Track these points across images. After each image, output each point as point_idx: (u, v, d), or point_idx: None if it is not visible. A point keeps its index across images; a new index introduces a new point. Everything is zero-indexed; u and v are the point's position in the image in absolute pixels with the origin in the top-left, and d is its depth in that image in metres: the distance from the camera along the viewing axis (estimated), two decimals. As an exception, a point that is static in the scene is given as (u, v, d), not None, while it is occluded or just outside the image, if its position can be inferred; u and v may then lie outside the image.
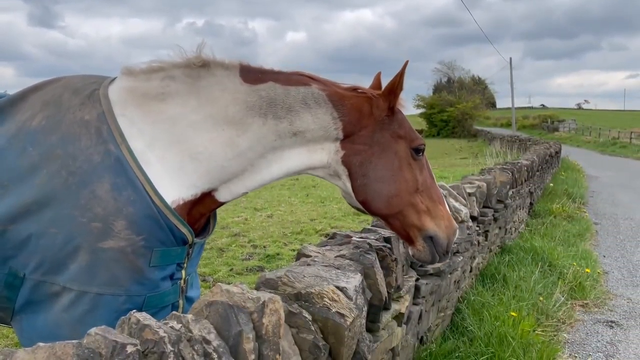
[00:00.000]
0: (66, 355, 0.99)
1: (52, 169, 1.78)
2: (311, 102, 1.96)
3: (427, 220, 2.10)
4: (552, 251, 6.72)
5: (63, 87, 1.94)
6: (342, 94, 2.02)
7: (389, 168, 2.05)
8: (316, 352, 1.70)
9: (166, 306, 1.91)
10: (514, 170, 7.70)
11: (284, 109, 1.93)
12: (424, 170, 2.14)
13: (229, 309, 1.40)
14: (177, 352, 1.21)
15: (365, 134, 2.04)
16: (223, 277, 6.22)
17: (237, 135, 1.92)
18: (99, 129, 1.82)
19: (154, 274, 1.83)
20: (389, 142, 2.06)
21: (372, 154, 2.04)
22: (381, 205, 2.06)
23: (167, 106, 1.90)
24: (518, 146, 25.53)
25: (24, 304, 1.81)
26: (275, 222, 9.66)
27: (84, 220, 1.74)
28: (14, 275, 1.79)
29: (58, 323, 1.75)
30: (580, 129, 56.62)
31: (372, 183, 2.04)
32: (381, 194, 2.05)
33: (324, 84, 2.02)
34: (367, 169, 2.03)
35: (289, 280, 1.89)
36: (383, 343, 2.50)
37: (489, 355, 3.63)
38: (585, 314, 5.27)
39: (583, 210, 11.00)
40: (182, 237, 1.88)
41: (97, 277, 1.74)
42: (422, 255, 2.13)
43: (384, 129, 2.06)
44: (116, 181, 1.77)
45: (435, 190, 2.17)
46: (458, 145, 44.93)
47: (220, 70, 1.92)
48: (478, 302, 4.60)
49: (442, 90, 74.22)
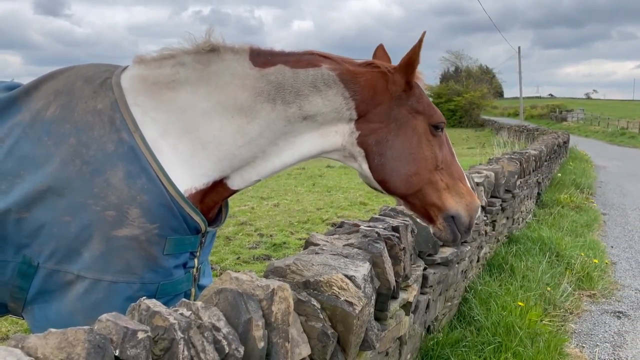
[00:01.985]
0: (78, 340, 0.99)
1: (66, 158, 1.78)
2: (320, 84, 1.91)
3: (447, 199, 2.04)
4: (560, 241, 6.70)
5: (75, 75, 1.94)
6: (354, 72, 1.95)
7: (407, 146, 1.98)
8: (325, 340, 1.70)
9: (179, 294, 1.92)
10: (522, 160, 7.66)
11: (292, 94, 1.90)
12: (443, 147, 2.06)
13: (239, 297, 1.40)
14: (187, 339, 1.22)
15: (380, 111, 1.97)
16: (230, 265, 6.24)
17: (247, 122, 1.90)
18: (112, 118, 1.82)
19: (167, 262, 1.83)
20: (406, 118, 1.99)
21: (389, 132, 1.97)
22: (400, 184, 2.00)
23: (178, 95, 1.90)
24: (526, 136, 25.38)
25: (36, 294, 1.81)
26: (281, 211, 9.67)
27: (98, 208, 1.74)
28: (28, 263, 1.79)
29: (71, 312, 1.76)
30: (588, 118, 56.20)
31: (389, 162, 1.98)
32: (399, 172, 1.99)
33: (336, 62, 1.96)
34: (384, 148, 1.97)
35: (297, 268, 1.89)
36: (391, 331, 2.51)
37: (496, 345, 3.63)
38: (593, 304, 5.26)
39: (591, 201, 10.95)
40: (196, 226, 1.89)
41: (112, 265, 1.74)
42: (443, 234, 2.07)
43: (401, 105, 1.98)
44: (130, 169, 1.77)
45: (456, 167, 2.09)
46: (465, 135, 44.71)
47: (229, 54, 1.90)
48: (485, 291, 4.60)
49: (450, 80, 73.67)
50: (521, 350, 3.59)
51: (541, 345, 3.73)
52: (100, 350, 1.00)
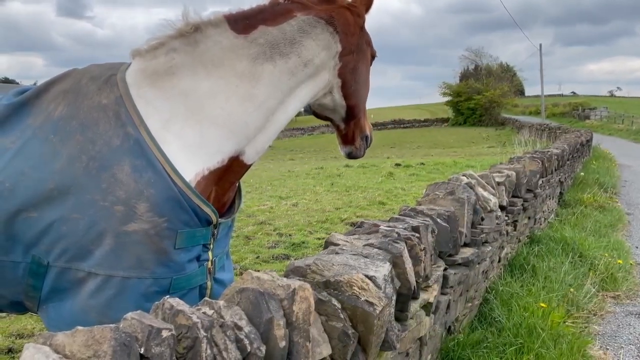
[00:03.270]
0: (104, 338, 1.01)
1: (72, 155, 1.79)
2: (307, 27, 2.03)
3: (366, 122, 2.46)
4: (583, 242, 6.59)
5: (81, 75, 1.96)
6: (326, 9, 2.11)
7: (366, 73, 2.31)
8: (345, 340, 1.70)
9: (194, 288, 1.91)
10: (544, 159, 7.55)
11: (287, 45, 1.99)
12: None
13: (260, 296, 1.41)
14: (210, 338, 1.23)
15: (353, 41, 2.18)
16: (249, 264, 6.28)
17: (252, 86, 1.94)
18: (117, 112, 1.83)
19: (179, 256, 1.82)
20: (364, 48, 2.28)
21: (358, 61, 2.22)
22: (362, 107, 2.34)
23: (178, 79, 1.91)
24: (547, 134, 25.04)
25: (49, 292, 1.82)
26: (300, 211, 9.70)
27: (106, 204, 1.74)
28: (38, 263, 1.80)
29: (85, 309, 1.76)
30: (612, 116, 55.11)
31: (359, 88, 2.26)
32: (362, 96, 2.31)
33: (303, 5, 2.07)
34: (356, 75, 2.22)
35: (317, 268, 1.89)
36: (411, 332, 2.50)
37: (517, 346, 3.59)
38: (617, 305, 5.17)
39: (615, 200, 10.74)
40: (206, 218, 1.88)
41: (123, 261, 1.74)
42: (359, 152, 2.48)
43: (362, 36, 2.24)
44: (136, 163, 1.77)
45: None
46: (485, 134, 44.27)
47: (211, 29, 1.95)
48: (506, 292, 4.55)
49: (469, 78, 72.90)
50: (544, 352, 3.54)
51: (564, 347, 3.67)
52: (125, 348, 1.02)
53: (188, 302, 1.80)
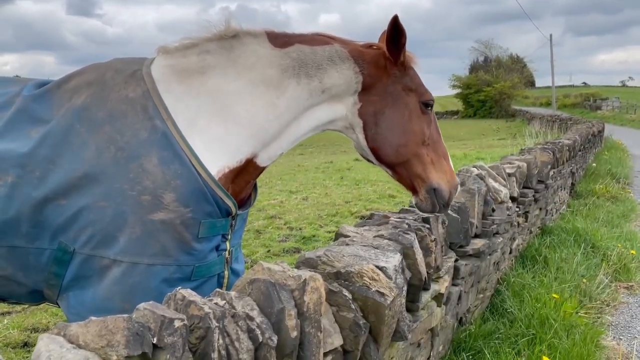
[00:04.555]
0: (117, 328, 1.02)
1: (100, 145, 1.85)
2: (336, 58, 2.09)
3: (431, 172, 2.21)
4: (595, 232, 6.53)
5: (105, 68, 2.02)
6: (361, 50, 2.15)
7: (399, 119, 2.17)
8: (357, 330, 1.71)
9: (212, 276, 1.98)
10: (555, 150, 7.49)
11: (313, 68, 2.05)
12: (431, 125, 2.24)
13: (271, 287, 1.41)
14: (222, 328, 1.24)
15: (380, 86, 2.16)
16: (260, 258, 6.30)
17: (277, 96, 2.02)
18: (145, 106, 1.90)
19: (201, 245, 1.89)
20: (400, 94, 2.18)
21: (385, 105, 2.16)
22: (390, 153, 2.19)
23: (208, 78, 2.00)
24: (559, 126, 24.80)
25: (72, 280, 1.87)
26: (310, 205, 9.70)
27: (133, 193, 1.81)
28: (64, 250, 1.85)
29: (108, 296, 1.81)
30: (624, 107, 54.46)
31: (383, 132, 2.16)
32: (391, 142, 2.17)
33: (344, 42, 2.15)
34: (379, 119, 2.16)
35: (328, 259, 1.90)
36: (423, 323, 2.50)
37: (530, 337, 3.57)
38: (630, 296, 5.12)
39: (628, 191, 10.63)
40: (227, 209, 1.95)
41: (148, 249, 1.80)
42: (424, 205, 2.23)
43: (396, 82, 2.18)
44: (163, 155, 1.84)
45: (441, 145, 2.27)
46: (495, 126, 43.95)
47: (249, 38, 2.03)
48: (518, 283, 4.53)
49: (479, 70, 72.27)
50: (556, 342, 3.52)
51: (577, 337, 3.65)
52: (138, 337, 1.03)
53: (207, 289, 1.84)
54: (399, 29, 2.07)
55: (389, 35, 2.09)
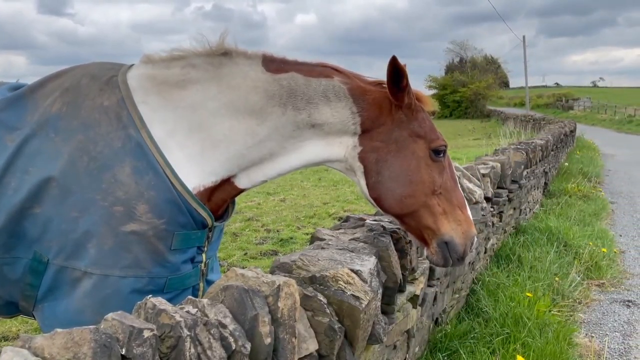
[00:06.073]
0: (84, 340, 1.00)
1: (73, 154, 1.82)
2: (331, 95, 1.95)
3: (443, 224, 2.04)
4: (568, 231, 6.66)
5: (81, 73, 1.97)
6: (364, 89, 2.00)
7: (405, 167, 2.00)
8: (332, 335, 1.70)
9: (187, 288, 1.94)
10: (528, 150, 7.61)
11: (303, 101, 1.93)
12: (444, 172, 2.07)
13: (244, 293, 1.40)
14: (194, 337, 1.22)
15: (383, 131, 2.00)
16: (237, 261, 6.26)
17: (257, 124, 1.93)
18: (119, 115, 1.85)
19: (175, 257, 1.86)
20: (407, 141, 2.01)
21: (389, 152, 2.00)
22: (393, 204, 2.03)
23: (188, 93, 1.93)
24: (532, 126, 25.21)
25: (46, 291, 1.83)
26: (288, 206, 9.68)
27: (105, 204, 1.77)
28: (39, 260, 1.82)
29: (80, 309, 1.77)
30: (595, 107, 55.77)
31: (386, 181, 2.00)
32: (394, 193, 2.01)
33: (348, 77, 2.00)
34: (382, 167, 2.00)
35: (303, 263, 1.89)
36: (398, 325, 2.51)
37: (504, 336, 3.62)
38: (602, 293, 5.24)
39: (599, 189, 10.88)
40: (202, 221, 1.91)
41: (120, 260, 1.77)
42: (435, 258, 2.09)
43: (402, 127, 2.01)
44: (137, 165, 1.80)
45: (457, 194, 2.10)
46: (471, 126, 44.48)
47: (242, 58, 1.94)
48: (493, 283, 4.59)
49: (455, 71, 73.18)
50: (530, 340, 3.58)
51: (550, 335, 3.71)
52: (106, 349, 1.00)
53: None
54: (399, 70, 1.92)
55: (389, 78, 1.94)
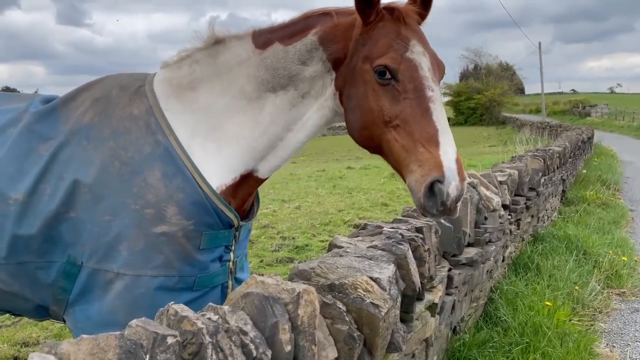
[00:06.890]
0: (109, 346, 1.01)
1: (105, 160, 1.90)
2: (305, 56, 1.91)
3: (402, 165, 1.74)
4: (587, 239, 6.57)
5: (111, 84, 2.06)
6: (334, 25, 1.88)
7: (357, 97, 1.82)
8: (351, 343, 1.69)
9: (216, 286, 2.00)
10: (545, 157, 7.54)
11: (285, 77, 1.94)
12: (399, 100, 1.74)
13: (265, 300, 1.40)
14: (215, 343, 1.22)
15: (347, 62, 1.86)
16: (253, 268, 6.27)
17: (258, 112, 1.99)
18: (148, 122, 1.94)
19: (203, 256, 1.92)
20: (358, 66, 1.81)
21: (350, 84, 1.85)
22: (357, 138, 1.90)
23: (198, 94, 2.00)
24: (548, 133, 24.97)
25: (78, 294, 1.89)
26: (303, 214, 9.68)
27: (137, 207, 1.84)
28: (73, 263, 1.88)
29: (112, 310, 1.83)
30: (613, 113, 55.00)
31: (348, 115, 1.88)
32: (353, 126, 1.87)
33: (328, 17, 1.92)
34: (346, 101, 1.88)
35: (322, 271, 1.89)
36: (417, 333, 2.49)
37: (524, 346, 3.58)
38: (623, 302, 5.15)
39: (618, 197, 10.72)
40: (229, 221, 1.97)
41: (151, 261, 1.83)
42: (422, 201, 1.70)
43: (357, 51, 1.82)
44: (166, 170, 1.88)
45: (420, 125, 1.70)
46: (486, 133, 44.18)
47: (234, 41, 2.00)
48: (511, 291, 4.54)
49: (469, 78, 72.80)
50: (550, 350, 3.53)
51: (570, 345, 3.66)
52: (131, 355, 1.01)
53: (210, 299, 1.86)
54: None
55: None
